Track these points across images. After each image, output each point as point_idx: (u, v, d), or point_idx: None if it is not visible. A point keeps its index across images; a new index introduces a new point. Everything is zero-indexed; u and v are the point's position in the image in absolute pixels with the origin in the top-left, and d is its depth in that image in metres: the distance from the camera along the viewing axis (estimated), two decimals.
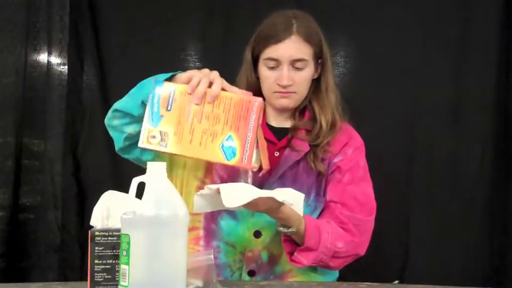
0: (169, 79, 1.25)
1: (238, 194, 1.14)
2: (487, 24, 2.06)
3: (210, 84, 1.20)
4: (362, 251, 1.44)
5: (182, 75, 1.23)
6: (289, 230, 1.32)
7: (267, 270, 1.42)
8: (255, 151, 1.20)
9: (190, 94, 1.18)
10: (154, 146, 1.18)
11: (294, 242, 1.37)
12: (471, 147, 2.06)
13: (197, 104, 1.18)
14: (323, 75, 1.48)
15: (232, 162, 1.18)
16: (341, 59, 2.10)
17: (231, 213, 1.41)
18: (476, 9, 2.07)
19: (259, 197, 1.16)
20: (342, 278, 1.53)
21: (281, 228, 1.33)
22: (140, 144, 1.19)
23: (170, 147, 1.17)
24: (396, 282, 1.91)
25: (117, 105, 1.35)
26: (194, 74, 1.21)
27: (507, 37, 2.06)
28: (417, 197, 2.06)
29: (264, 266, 1.42)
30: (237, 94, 1.21)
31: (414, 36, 2.08)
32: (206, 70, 1.23)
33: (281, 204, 1.23)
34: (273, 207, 1.25)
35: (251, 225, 1.42)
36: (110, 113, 1.37)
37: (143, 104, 1.24)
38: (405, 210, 2.06)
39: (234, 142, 1.18)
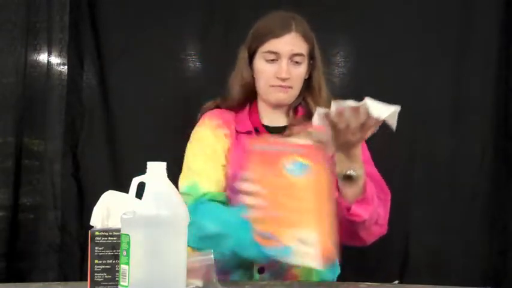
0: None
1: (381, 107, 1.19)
2: (487, 24, 2.06)
3: None
4: (385, 229, 1.44)
5: None
6: (356, 172, 1.29)
7: (275, 266, 1.41)
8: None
9: None
10: None
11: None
12: (471, 147, 2.06)
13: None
14: (315, 75, 1.51)
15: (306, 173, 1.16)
16: (341, 59, 2.10)
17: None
18: (476, 9, 2.07)
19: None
20: (342, 278, 1.53)
21: (350, 171, 1.29)
22: None
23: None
24: (396, 282, 1.91)
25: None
26: None
27: (507, 37, 2.06)
28: (417, 197, 2.06)
29: (272, 262, 1.42)
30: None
31: (414, 36, 2.08)
32: None
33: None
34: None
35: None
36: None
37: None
38: (405, 210, 2.06)
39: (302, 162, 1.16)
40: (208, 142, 1.48)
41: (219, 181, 1.45)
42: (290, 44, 1.44)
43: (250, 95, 1.52)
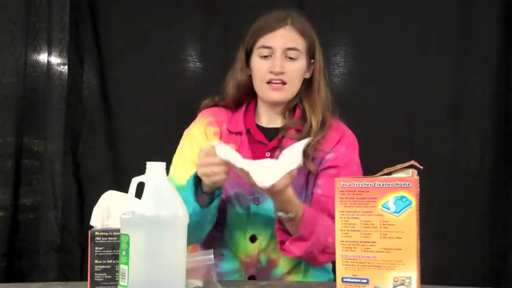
0: None
1: (267, 173, 1.16)
2: (487, 24, 2.06)
3: None
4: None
5: None
6: (288, 215, 1.28)
7: (266, 274, 1.41)
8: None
9: None
10: None
11: (287, 232, 1.34)
12: (471, 147, 2.06)
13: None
14: (315, 75, 1.48)
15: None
16: (341, 59, 2.10)
17: (225, 221, 1.42)
18: (476, 9, 2.07)
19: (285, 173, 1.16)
20: None
21: (280, 213, 1.29)
22: None
23: None
24: None
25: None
26: None
27: (507, 37, 2.06)
28: None
29: (263, 270, 1.42)
30: None
31: (414, 36, 2.08)
32: None
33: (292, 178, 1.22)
34: (286, 184, 1.22)
35: (247, 230, 1.41)
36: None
37: None
38: None
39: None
40: (197, 139, 1.47)
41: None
42: (283, 38, 1.42)
43: (247, 95, 1.51)
